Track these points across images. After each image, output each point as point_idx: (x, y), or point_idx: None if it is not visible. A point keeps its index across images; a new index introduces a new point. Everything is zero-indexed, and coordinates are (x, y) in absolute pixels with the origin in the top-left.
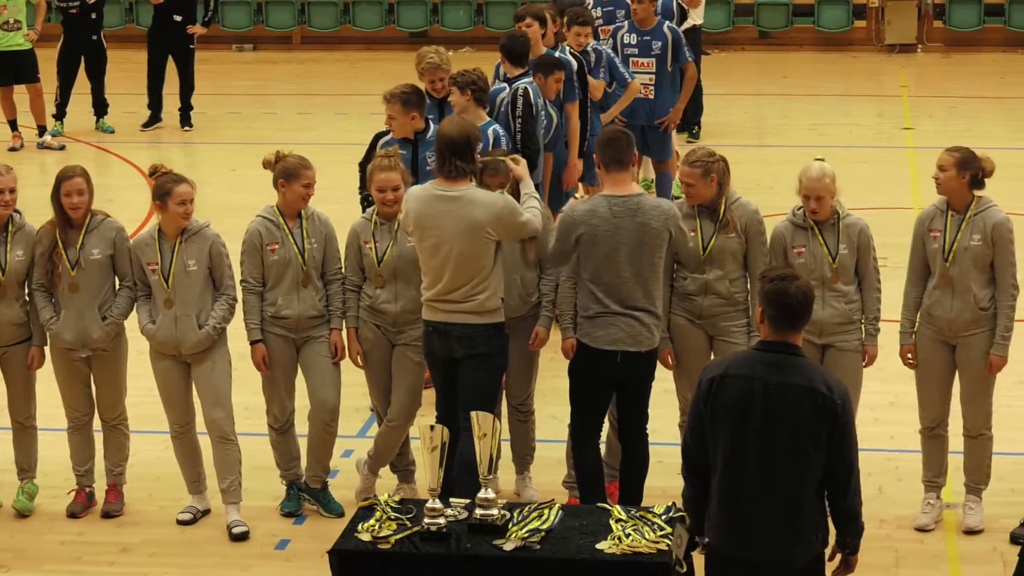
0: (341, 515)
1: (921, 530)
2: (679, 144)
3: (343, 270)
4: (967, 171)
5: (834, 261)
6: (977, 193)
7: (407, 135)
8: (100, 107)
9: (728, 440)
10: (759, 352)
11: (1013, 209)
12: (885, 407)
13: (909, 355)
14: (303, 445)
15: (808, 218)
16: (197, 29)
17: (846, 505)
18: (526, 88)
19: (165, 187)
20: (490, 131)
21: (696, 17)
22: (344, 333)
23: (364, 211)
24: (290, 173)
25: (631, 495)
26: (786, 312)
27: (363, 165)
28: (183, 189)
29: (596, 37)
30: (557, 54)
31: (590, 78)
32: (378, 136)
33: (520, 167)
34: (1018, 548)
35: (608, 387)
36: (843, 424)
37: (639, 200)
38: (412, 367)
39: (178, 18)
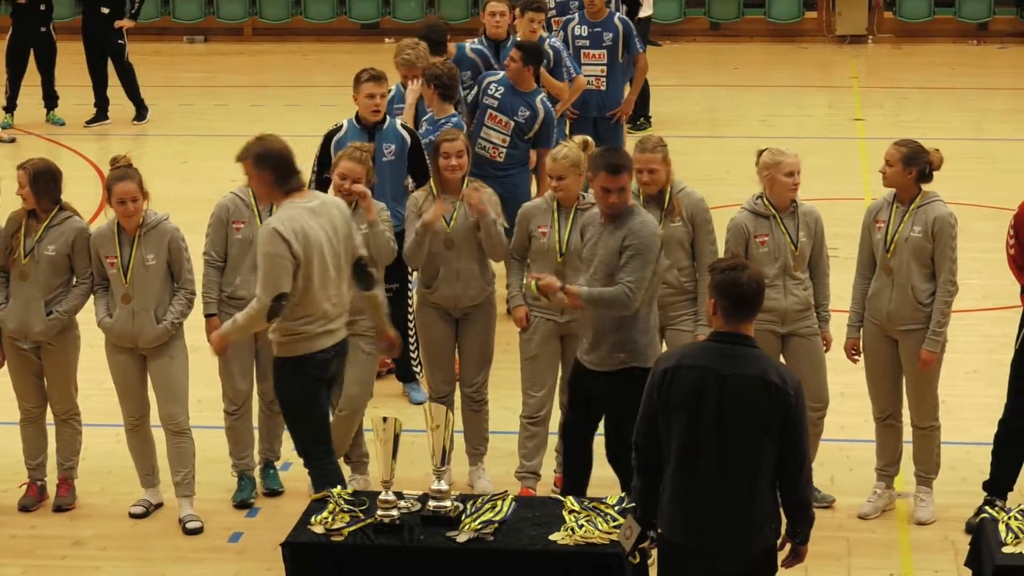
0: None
1: (863, 518)
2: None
3: None
4: (913, 167)
5: (796, 249)
6: (924, 187)
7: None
8: (50, 99)
9: (682, 431)
10: (712, 343)
11: (962, 200)
12: (836, 397)
13: (853, 349)
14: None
15: (770, 206)
16: (125, 23)
17: (798, 495)
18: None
19: (108, 184)
20: (451, 123)
21: (647, 8)
22: None
23: None
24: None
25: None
26: (739, 301)
27: (319, 164)
28: (121, 188)
29: (548, 28)
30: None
31: (550, 78)
32: (330, 135)
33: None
34: (969, 537)
35: None
36: (795, 414)
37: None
38: (362, 358)
39: (105, 10)
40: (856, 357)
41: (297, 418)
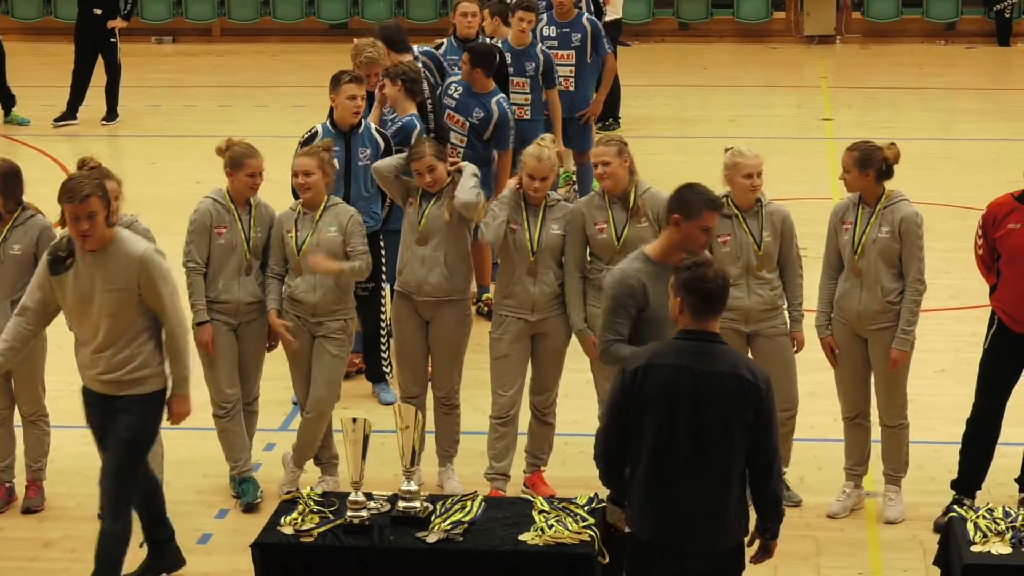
0: (250, 503)
1: (832, 517)
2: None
3: (269, 260)
4: (870, 168)
5: (759, 248)
6: (888, 186)
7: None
8: (6, 99)
9: (655, 429)
10: (682, 341)
11: (930, 199)
12: (805, 397)
13: (831, 348)
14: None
15: (733, 205)
16: (118, 23)
17: (768, 490)
18: (426, 72)
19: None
20: (409, 122)
21: (614, 11)
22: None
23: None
24: (235, 162)
25: None
26: (706, 298)
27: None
28: (109, 187)
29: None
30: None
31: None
32: (306, 142)
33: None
34: (938, 536)
35: None
36: (766, 409)
37: None
38: (329, 359)
39: (98, 11)
40: (834, 353)
41: (142, 455)
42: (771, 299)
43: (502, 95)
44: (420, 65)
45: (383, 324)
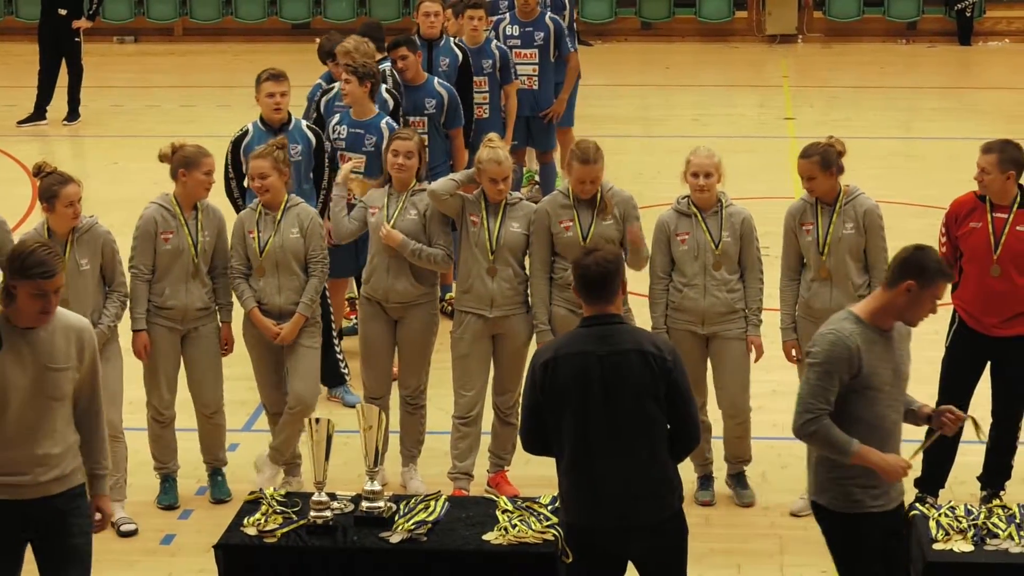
0: (221, 500)
1: (795, 516)
2: None
3: (232, 261)
4: (832, 167)
5: (717, 248)
6: (844, 182)
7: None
8: None
9: (572, 417)
10: (583, 328)
11: (890, 197)
12: (768, 395)
13: (793, 351)
14: (184, 439)
15: (692, 205)
16: (82, 23)
17: (692, 441)
18: (391, 68)
19: (51, 189)
20: (383, 124)
21: None
22: (238, 324)
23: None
24: (190, 161)
25: None
26: (585, 283)
27: (233, 171)
28: (70, 190)
29: None
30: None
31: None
32: (237, 141)
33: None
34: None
35: None
36: (676, 379)
37: None
38: (303, 351)
39: (63, 12)
40: (796, 358)
41: None
42: (728, 302)
43: (435, 79)
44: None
45: (333, 328)
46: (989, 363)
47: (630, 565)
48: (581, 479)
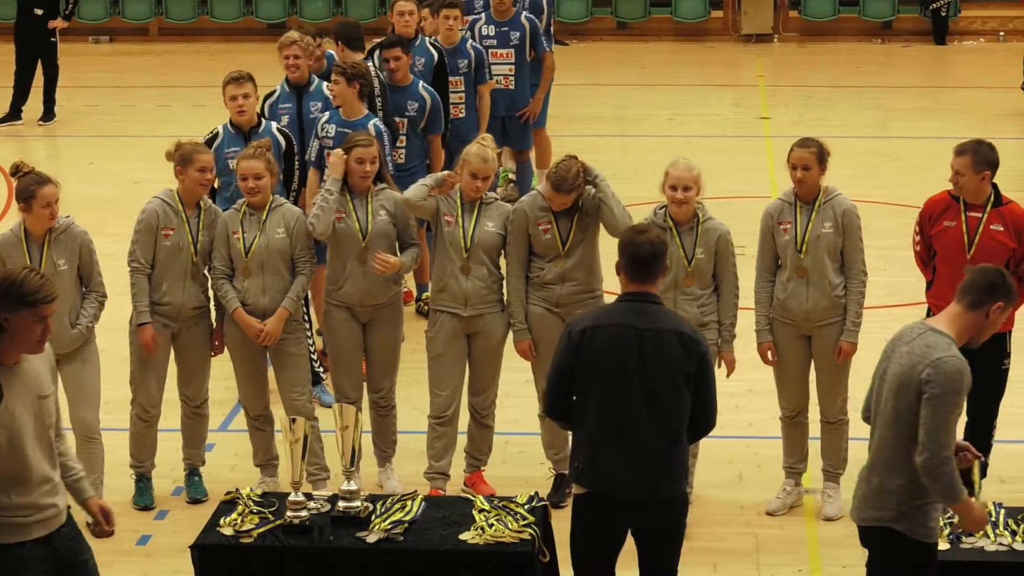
0: (198, 500)
1: (771, 514)
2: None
3: (214, 262)
4: (825, 162)
5: (689, 264)
6: (823, 182)
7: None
8: None
9: (602, 387)
10: (624, 303)
11: (865, 196)
12: (744, 394)
13: (769, 352)
14: (161, 439)
15: (668, 218)
16: (58, 23)
17: (709, 424)
18: (376, 68)
19: (29, 189)
20: (371, 125)
21: None
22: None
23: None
24: (184, 159)
25: None
26: (633, 261)
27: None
28: (47, 191)
29: None
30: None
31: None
32: (208, 143)
33: None
34: None
35: None
36: (707, 364)
37: None
38: (292, 359)
39: (39, 12)
40: (772, 360)
41: None
42: (696, 316)
43: (421, 82)
44: (371, 64)
45: (308, 329)
46: None
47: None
48: (604, 448)
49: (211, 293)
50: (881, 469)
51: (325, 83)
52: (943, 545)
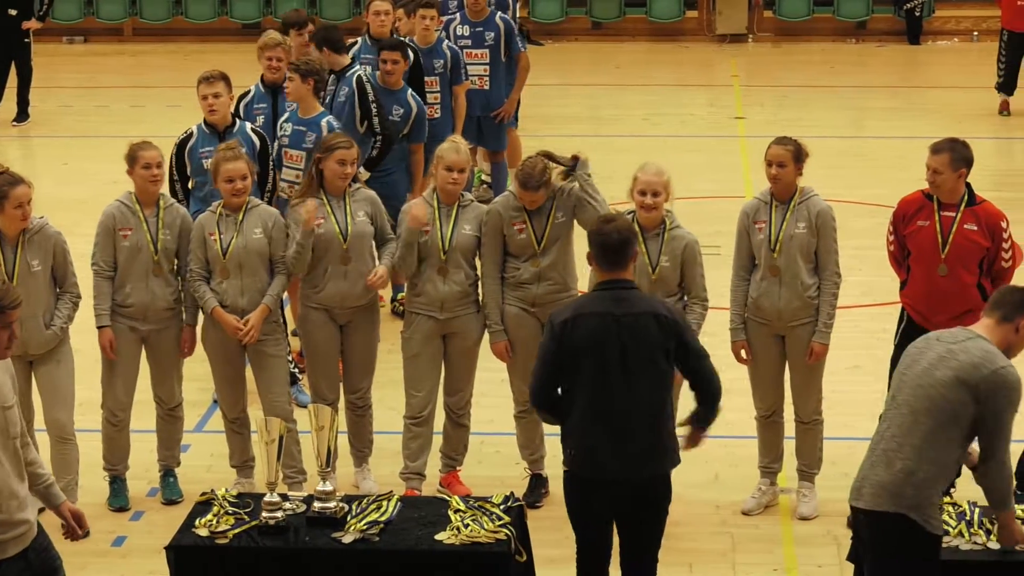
0: (173, 501)
1: (747, 514)
2: None
3: (190, 264)
4: (801, 162)
5: (653, 272)
6: (800, 182)
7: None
8: None
9: (589, 373)
10: (600, 292)
11: (839, 196)
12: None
13: (742, 351)
14: (136, 440)
15: (636, 223)
16: (32, 24)
17: (713, 390)
18: (367, 74)
19: (1, 190)
20: (324, 123)
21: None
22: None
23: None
24: (131, 158)
25: None
26: (603, 250)
27: (177, 173)
28: (20, 191)
29: None
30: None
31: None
32: (182, 143)
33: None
34: (852, 532)
35: None
36: (686, 336)
37: None
38: (271, 361)
39: (13, 12)
40: (745, 358)
41: None
42: None
43: (411, 89)
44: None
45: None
46: None
47: None
48: (592, 430)
49: (181, 295)
50: (909, 453)
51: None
52: None
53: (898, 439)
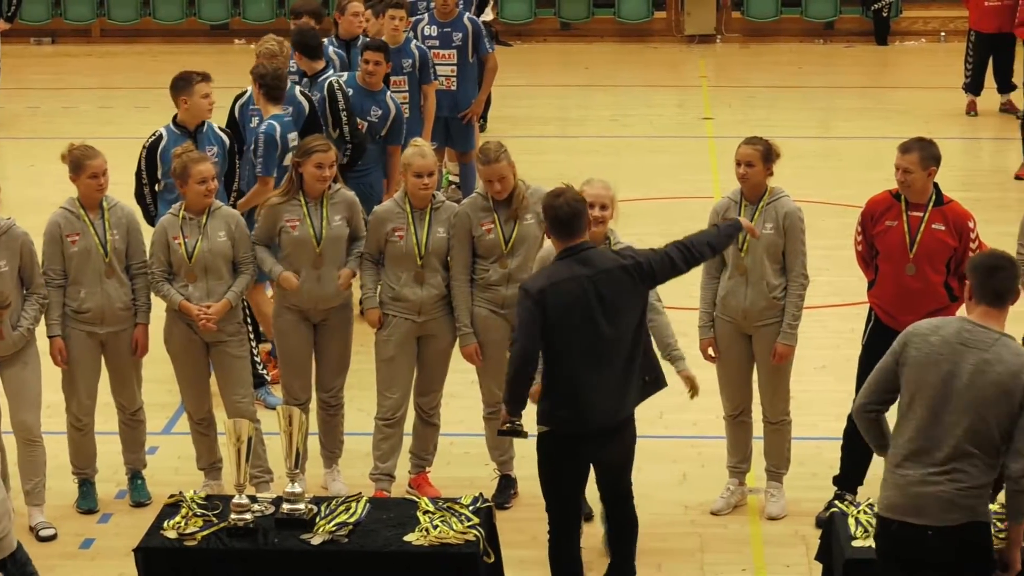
0: (141, 504)
1: (715, 514)
2: None
3: (152, 267)
4: (771, 162)
5: None
6: (770, 183)
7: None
8: None
9: (571, 333)
10: (565, 259)
11: (808, 196)
12: (687, 394)
13: (709, 349)
14: (103, 442)
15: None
16: (1, 25)
17: (699, 237)
18: (339, 81)
19: None
20: (264, 126)
21: (486, 14)
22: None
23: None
24: (76, 165)
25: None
26: (557, 222)
27: (148, 176)
28: None
29: None
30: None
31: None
32: (153, 146)
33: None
34: (820, 531)
35: None
36: (647, 258)
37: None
38: (234, 362)
39: None
40: (713, 356)
41: None
42: None
43: (390, 91)
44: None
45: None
46: None
47: None
48: (575, 388)
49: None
50: (974, 463)
51: (298, 87)
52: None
53: (951, 449)
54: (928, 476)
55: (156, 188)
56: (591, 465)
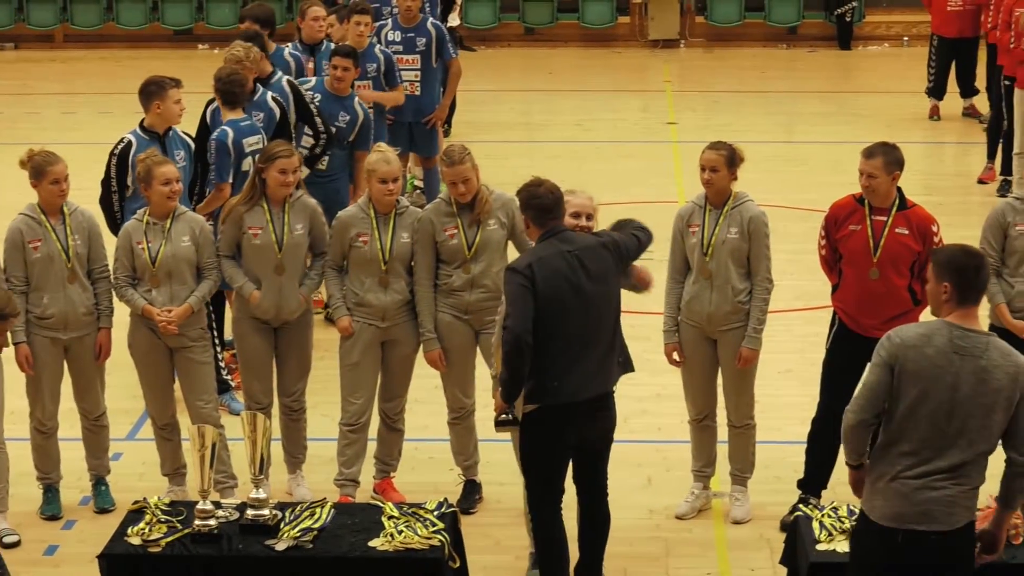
0: (105, 510)
1: (680, 518)
2: None
3: (110, 268)
4: (735, 167)
5: None
6: (735, 188)
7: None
8: None
9: (559, 308)
10: (547, 240)
11: (772, 201)
12: (652, 398)
13: (675, 354)
14: (67, 448)
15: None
16: None
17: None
18: (288, 86)
19: None
20: (216, 132)
21: (452, 19)
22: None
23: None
24: (37, 171)
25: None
26: (539, 209)
27: (117, 183)
28: None
29: None
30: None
31: (368, 93)
32: (124, 153)
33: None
34: (784, 535)
35: None
36: (627, 246)
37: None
38: (198, 368)
39: None
40: (678, 360)
41: None
42: None
43: (358, 97)
44: (290, 62)
45: (215, 335)
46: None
47: None
48: (569, 363)
49: (103, 298)
50: (977, 465)
51: (270, 93)
52: (844, 547)
53: (954, 458)
54: (934, 482)
55: (125, 195)
56: (572, 452)
